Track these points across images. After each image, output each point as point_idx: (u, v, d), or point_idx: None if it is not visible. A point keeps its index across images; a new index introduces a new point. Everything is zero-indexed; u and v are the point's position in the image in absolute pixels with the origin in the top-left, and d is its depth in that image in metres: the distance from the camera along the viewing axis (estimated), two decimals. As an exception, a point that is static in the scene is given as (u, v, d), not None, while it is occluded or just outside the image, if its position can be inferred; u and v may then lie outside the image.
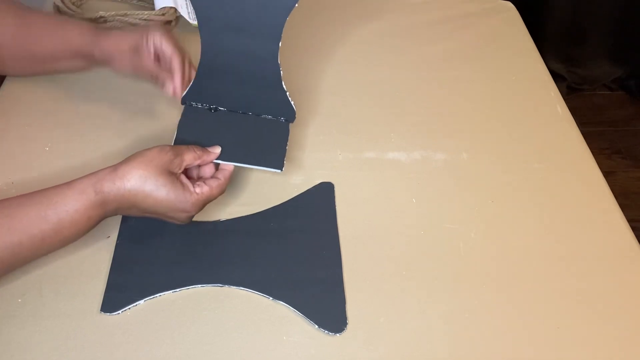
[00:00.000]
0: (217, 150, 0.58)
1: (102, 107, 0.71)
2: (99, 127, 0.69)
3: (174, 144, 0.58)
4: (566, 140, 0.72)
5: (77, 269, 0.55)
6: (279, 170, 0.59)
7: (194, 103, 0.62)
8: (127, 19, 0.80)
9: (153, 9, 0.85)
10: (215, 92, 0.61)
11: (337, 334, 0.52)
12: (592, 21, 1.70)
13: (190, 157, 0.55)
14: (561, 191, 0.66)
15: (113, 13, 0.81)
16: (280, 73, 0.60)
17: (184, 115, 0.61)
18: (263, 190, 0.64)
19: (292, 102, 0.62)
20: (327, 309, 0.54)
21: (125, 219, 0.59)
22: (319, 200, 0.63)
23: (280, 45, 0.58)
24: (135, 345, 0.50)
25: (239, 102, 0.62)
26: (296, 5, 0.55)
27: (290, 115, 0.63)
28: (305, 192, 0.64)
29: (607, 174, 0.69)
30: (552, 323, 0.54)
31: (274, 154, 0.60)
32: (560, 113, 0.76)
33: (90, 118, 0.70)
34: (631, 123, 1.73)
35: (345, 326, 0.53)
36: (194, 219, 0.56)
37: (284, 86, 0.61)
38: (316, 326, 0.52)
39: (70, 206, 0.49)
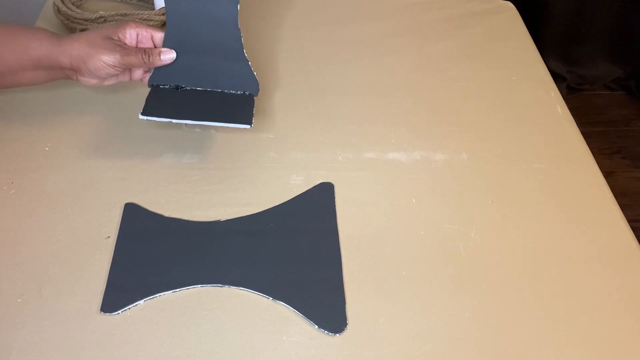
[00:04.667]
0: (170, 54, 0.61)
1: (102, 107, 0.71)
2: (99, 126, 0.69)
3: (142, 114, 0.60)
4: (566, 140, 0.72)
5: (77, 269, 0.55)
6: (248, 126, 0.60)
7: (160, 85, 0.64)
8: (127, 19, 0.80)
9: (153, 8, 0.85)
10: (179, 71, 0.63)
11: (337, 334, 0.52)
12: (592, 21, 1.70)
13: (135, 58, 0.59)
14: (561, 191, 0.66)
15: (113, 13, 0.81)
16: (241, 39, 0.62)
17: (150, 95, 0.63)
18: (263, 190, 0.64)
19: (255, 74, 0.63)
20: (327, 309, 0.54)
21: (125, 219, 0.59)
22: (319, 201, 0.63)
23: (239, 8, 0.59)
24: (135, 345, 0.50)
25: (203, 79, 0.64)
26: None
27: (254, 88, 0.65)
28: (305, 192, 0.64)
29: (607, 174, 0.70)
30: (552, 323, 0.54)
31: (242, 113, 0.62)
32: (560, 113, 0.76)
33: (90, 118, 0.70)
34: (631, 123, 1.73)
35: (345, 326, 0.53)
36: (197, 218, 0.56)
37: (246, 55, 0.62)
38: (316, 326, 0.52)
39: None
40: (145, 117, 0.60)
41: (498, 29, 0.90)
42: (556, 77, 1.69)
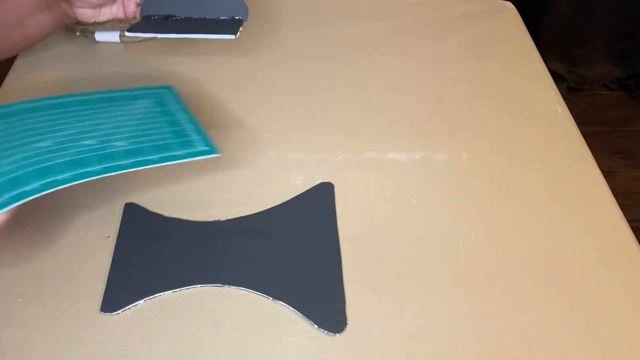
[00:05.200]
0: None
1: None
2: (99, 127, 0.69)
3: (128, 31, 0.64)
4: (566, 140, 0.72)
5: (77, 269, 0.55)
6: (233, 36, 0.62)
7: (152, 16, 0.66)
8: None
9: (153, 9, 0.85)
10: (169, 1, 0.65)
11: (337, 334, 0.52)
12: (592, 21, 1.70)
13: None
14: (561, 191, 0.66)
15: (113, 13, 0.81)
16: None
17: (139, 23, 0.66)
18: (263, 190, 0.64)
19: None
20: (327, 309, 0.54)
21: (125, 219, 0.59)
22: (319, 201, 0.63)
23: None
24: (135, 345, 0.50)
25: (194, 8, 0.66)
26: None
27: (243, 12, 0.66)
28: (305, 192, 0.64)
29: (607, 174, 0.69)
30: (552, 323, 0.54)
31: (228, 27, 0.63)
32: (560, 113, 0.76)
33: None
34: (631, 123, 1.73)
35: (345, 326, 0.53)
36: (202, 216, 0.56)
37: None
38: (316, 326, 0.52)
39: None
40: (131, 34, 0.63)
41: (498, 29, 0.90)
42: (556, 77, 1.69)
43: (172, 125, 0.59)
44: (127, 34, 0.63)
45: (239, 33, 0.63)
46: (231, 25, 0.65)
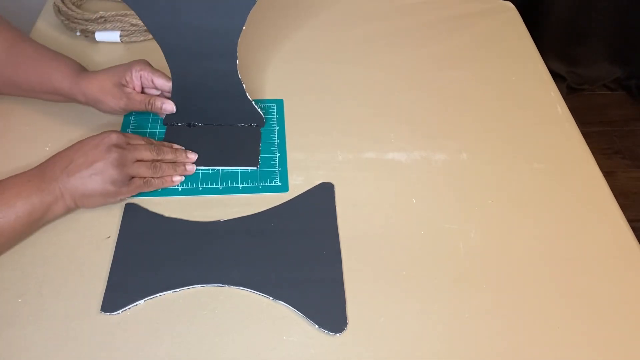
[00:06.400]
0: (171, 106, 0.67)
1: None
2: (100, 127, 0.69)
3: None
4: (566, 140, 0.72)
5: (77, 269, 0.55)
6: (255, 168, 0.65)
7: (174, 123, 0.69)
8: (127, 18, 0.81)
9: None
10: (190, 111, 0.68)
11: (337, 334, 0.52)
12: (592, 21, 1.70)
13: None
14: (561, 191, 0.66)
15: (113, 13, 0.81)
16: (243, 87, 0.66)
17: (166, 134, 0.68)
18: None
19: (259, 110, 0.69)
20: (327, 309, 0.54)
21: (125, 219, 0.59)
22: (319, 201, 0.63)
23: (238, 62, 0.63)
24: (135, 345, 0.50)
25: (213, 116, 0.69)
26: (244, 28, 0.60)
27: (259, 120, 0.69)
28: (305, 192, 0.64)
29: (607, 174, 0.69)
30: (552, 323, 0.54)
31: (249, 152, 0.67)
32: (560, 113, 0.76)
33: (90, 118, 0.70)
34: (631, 123, 1.73)
35: (345, 326, 0.53)
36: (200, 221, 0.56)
37: (249, 97, 0.66)
38: (316, 326, 0.52)
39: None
40: None
41: (498, 29, 0.90)
42: (556, 77, 1.69)
43: None
44: None
45: (258, 165, 0.66)
46: (250, 144, 0.68)
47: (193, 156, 0.65)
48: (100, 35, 0.81)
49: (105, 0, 0.90)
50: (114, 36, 0.81)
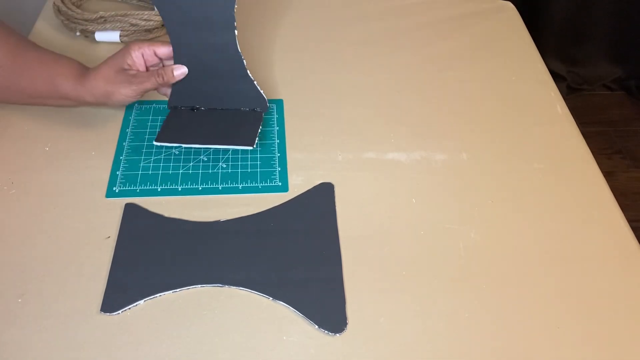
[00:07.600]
0: (182, 69, 0.65)
1: (103, 106, 0.71)
2: (99, 127, 0.69)
3: (156, 141, 0.66)
4: (566, 140, 0.72)
5: (77, 269, 0.55)
6: (250, 147, 0.65)
7: (178, 106, 0.69)
8: (127, 19, 0.80)
9: (153, 8, 0.85)
10: (193, 94, 0.68)
11: (337, 334, 0.52)
12: (592, 21, 1.70)
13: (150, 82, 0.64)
14: (561, 191, 0.66)
15: (113, 13, 0.81)
16: (243, 62, 0.65)
17: (168, 115, 0.68)
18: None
19: (262, 92, 0.67)
20: (327, 309, 0.54)
21: (125, 219, 0.59)
22: (319, 201, 0.63)
23: (237, 33, 0.63)
24: (135, 345, 0.50)
25: (216, 99, 0.68)
26: None
27: (262, 104, 0.68)
28: (305, 192, 0.64)
29: (607, 174, 0.70)
30: (552, 323, 0.54)
31: (246, 134, 0.66)
32: (560, 113, 0.76)
33: (90, 118, 0.70)
34: (631, 123, 1.73)
35: (345, 326, 0.53)
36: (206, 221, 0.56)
37: (251, 75, 0.66)
38: (316, 326, 0.52)
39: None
40: (158, 143, 0.65)
41: (498, 29, 0.90)
42: (556, 77, 1.69)
43: None
44: (154, 143, 0.65)
45: (255, 143, 0.65)
46: (250, 127, 0.66)
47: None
48: (100, 36, 0.81)
49: (105, 0, 0.90)
50: (113, 36, 0.81)
